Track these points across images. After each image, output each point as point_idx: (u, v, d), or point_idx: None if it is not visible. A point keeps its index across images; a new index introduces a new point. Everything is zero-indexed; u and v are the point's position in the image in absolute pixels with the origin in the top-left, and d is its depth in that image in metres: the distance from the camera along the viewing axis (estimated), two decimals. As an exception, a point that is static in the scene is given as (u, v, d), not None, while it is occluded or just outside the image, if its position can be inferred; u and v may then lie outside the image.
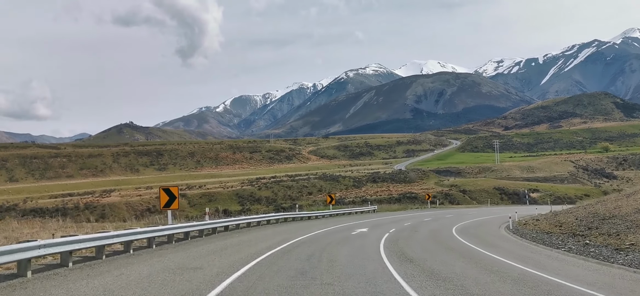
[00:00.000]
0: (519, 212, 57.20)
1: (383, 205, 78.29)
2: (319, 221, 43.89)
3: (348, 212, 57.89)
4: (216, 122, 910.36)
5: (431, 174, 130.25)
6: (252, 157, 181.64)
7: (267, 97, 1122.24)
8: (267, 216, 40.53)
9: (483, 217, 49.16)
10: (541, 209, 53.33)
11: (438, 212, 61.60)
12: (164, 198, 25.05)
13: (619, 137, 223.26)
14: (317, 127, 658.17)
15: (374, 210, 65.59)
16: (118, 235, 17.72)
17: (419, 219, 44.50)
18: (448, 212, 63.68)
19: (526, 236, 25.99)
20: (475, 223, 38.81)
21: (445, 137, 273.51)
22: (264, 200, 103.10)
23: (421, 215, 52.23)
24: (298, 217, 46.23)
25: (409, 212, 65.14)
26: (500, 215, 51.80)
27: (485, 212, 61.97)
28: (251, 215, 43.26)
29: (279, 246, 21.09)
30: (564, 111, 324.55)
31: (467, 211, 65.93)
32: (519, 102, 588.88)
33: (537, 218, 34.42)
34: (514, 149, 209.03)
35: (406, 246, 21.18)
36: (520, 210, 61.40)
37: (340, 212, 55.95)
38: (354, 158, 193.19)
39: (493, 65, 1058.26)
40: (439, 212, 64.12)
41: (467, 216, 50.74)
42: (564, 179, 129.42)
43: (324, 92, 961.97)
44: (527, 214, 48.49)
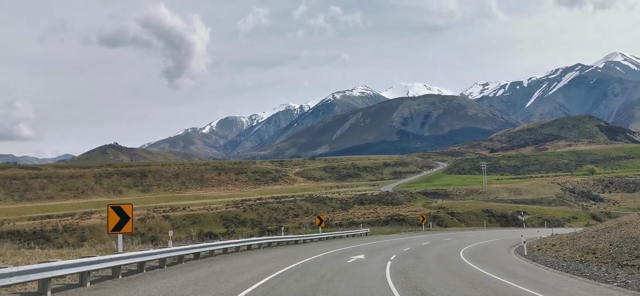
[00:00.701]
0: (522, 235, 55.70)
1: (374, 228, 73.13)
2: (308, 246, 39.75)
3: (339, 235, 53.32)
4: (202, 143, 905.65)
5: (419, 196, 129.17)
6: (237, 178, 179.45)
7: (254, 118, 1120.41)
8: (248, 241, 34.99)
9: (484, 240, 46.48)
10: (542, 232, 51.79)
11: (433, 235, 58.52)
12: (113, 218, 20.15)
13: (604, 160, 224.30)
14: (303, 148, 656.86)
15: (367, 233, 61.06)
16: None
17: (417, 243, 41.55)
18: (443, 235, 60.22)
19: (555, 265, 23.00)
20: (480, 248, 36.47)
21: (432, 159, 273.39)
22: (249, 222, 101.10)
23: (417, 239, 48.75)
24: (283, 241, 41.28)
25: (403, 235, 61.33)
26: (503, 238, 50.33)
27: (483, 235, 59.32)
28: (229, 240, 38.00)
29: (258, 281, 17.09)
30: (549, 134, 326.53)
31: (462, 234, 63.32)
32: (504, 125, 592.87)
33: (552, 242, 32.16)
34: (500, 171, 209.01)
35: (420, 280, 17.97)
36: (520, 233, 59.04)
37: (330, 235, 50.95)
38: (341, 179, 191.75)
39: (479, 88, 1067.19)
40: (435, 235, 60.81)
41: (466, 239, 47.87)
42: (551, 202, 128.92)
43: (310, 113, 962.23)
44: (530, 238, 47.32)
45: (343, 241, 47.14)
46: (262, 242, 37.33)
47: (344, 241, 47.10)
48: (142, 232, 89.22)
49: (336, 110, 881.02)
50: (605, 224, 35.30)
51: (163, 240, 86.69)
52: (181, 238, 79.78)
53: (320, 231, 51.32)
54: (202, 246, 26.94)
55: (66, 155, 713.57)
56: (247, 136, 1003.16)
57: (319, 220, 53.56)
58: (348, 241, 46.99)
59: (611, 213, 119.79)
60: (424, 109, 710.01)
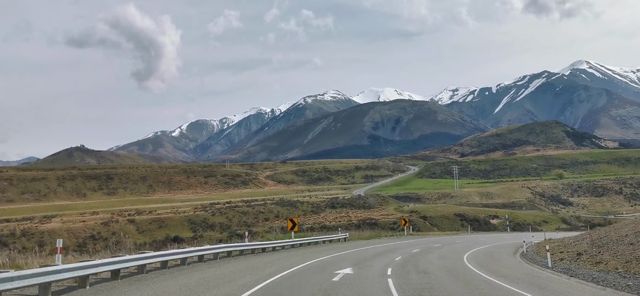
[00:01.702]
0: (512, 240, 53.58)
1: (351, 232, 65.54)
2: (278, 255, 32.51)
3: (314, 241, 45.88)
4: (172, 146, 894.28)
5: (391, 200, 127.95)
6: (207, 181, 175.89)
7: (224, 121, 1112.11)
8: (197, 250, 26.07)
9: (478, 246, 42.75)
10: (536, 237, 50.32)
11: (418, 241, 52.95)
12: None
13: (571, 165, 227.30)
14: (274, 152, 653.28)
15: (345, 238, 53.37)
16: None
17: (406, 250, 36.38)
18: (428, 240, 54.65)
19: (605, 281, 18.77)
20: (482, 255, 33.06)
21: (403, 163, 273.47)
22: (218, 226, 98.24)
23: (404, 246, 43.04)
24: (248, 249, 33.12)
25: (385, 240, 54.58)
26: (495, 243, 48.25)
27: (471, 240, 55.35)
28: (186, 248, 28.01)
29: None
30: (518, 139, 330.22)
31: (448, 239, 58.72)
32: (473, 130, 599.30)
33: (577, 250, 27.84)
34: (471, 176, 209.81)
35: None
36: (512, 238, 57.25)
37: (304, 241, 43.42)
38: (312, 183, 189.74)
39: (448, 94, 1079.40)
40: (419, 240, 55.06)
41: (458, 245, 44.10)
42: (522, 205, 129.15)
43: (282, 117, 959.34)
44: (528, 242, 47.00)
45: (320, 248, 39.93)
46: (220, 251, 28.69)
47: (321, 248, 39.92)
48: (105, 237, 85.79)
49: (307, 114, 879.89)
50: (616, 226, 33.78)
51: (127, 245, 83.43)
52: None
53: (292, 236, 44.26)
54: (125, 259, 18.81)
55: (31, 158, 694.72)
56: (217, 140, 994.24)
57: (292, 223, 44.89)
58: (326, 248, 39.89)
59: (581, 217, 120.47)
60: (394, 114, 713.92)
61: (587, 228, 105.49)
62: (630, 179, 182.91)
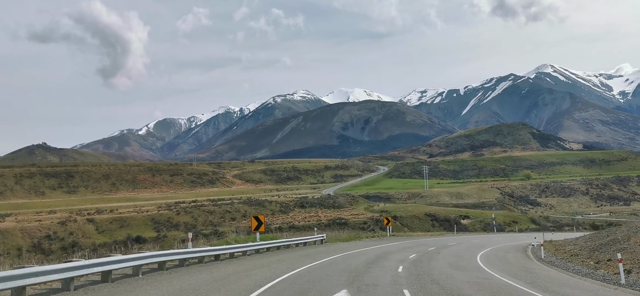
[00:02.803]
0: (505, 242, 51.01)
1: (327, 233, 56.38)
2: (236, 265, 24.34)
3: (286, 244, 37.62)
4: (138, 145, 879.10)
5: (361, 199, 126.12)
6: (172, 180, 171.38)
7: (192, 120, 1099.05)
8: (99, 264, 17.04)
9: (485, 250, 37.91)
10: (534, 238, 48.31)
11: (405, 243, 47.02)
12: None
13: (538, 166, 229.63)
14: (243, 151, 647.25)
15: (322, 240, 45.47)
16: None
17: (401, 256, 30.65)
18: (415, 243, 47.99)
19: None
20: (495, 258, 29.43)
21: (373, 162, 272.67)
22: (182, 226, 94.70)
23: (393, 249, 37.19)
24: (193, 257, 24.33)
25: (367, 243, 47.45)
26: (498, 244, 45.23)
27: (464, 241, 51.18)
28: (140, 253, 20.75)
29: None
30: (486, 140, 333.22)
31: (440, 241, 53.38)
32: (441, 131, 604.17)
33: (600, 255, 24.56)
34: (440, 176, 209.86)
35: None
36: (513, 240, 54.80)
37: (273, 244, 35.18)
38: (281, 182, 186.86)
39: (417, 95, 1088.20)
40: (407, 242, 48.82)
41: (454, 248, 39.57)
42: (492, 206, 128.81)
43: (250, 116, 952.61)
44: (526, 243, 45.02)
45: (293, 254, 31.81)
46: (142, 263, 19.61)
47: (294, 254, 31.89)
48: (62, 237, 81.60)
49: (277, 114, 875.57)
50: (627, 227, 31.87)
51: (86, 246, 79.28)
52: (105, 244, 72.28)
53: (258, 238, 35.24)
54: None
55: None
56: (185, 138, 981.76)
57: (256, 222, 35.50)
58: (300, 254, 31.92)
59: (549, 218, 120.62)
60: (364, 114, 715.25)
61: (556, 229, 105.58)
62: (596, 180, 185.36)
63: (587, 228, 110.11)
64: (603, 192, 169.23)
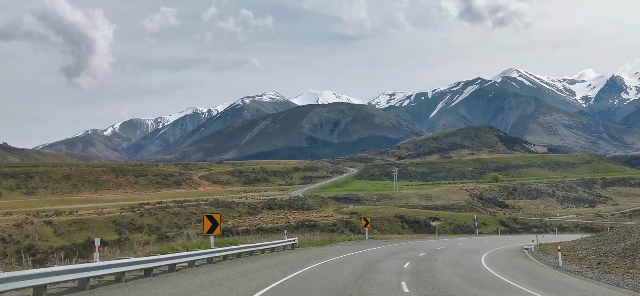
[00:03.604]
0: (495, 245, 47.56)
1: (297, 235, 47.61)
2: (172, 285, 17.75)
3: (248, 250, 30.86)
4: (103, 146, 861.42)
5: (330, 201, 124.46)
6: (137, 181, 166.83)
7: (159, 121, 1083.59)
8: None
9: (474, 253, 35.31)
10: (525, 240, 46.19)
11: (388, 248, 40.86)
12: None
13: (505, 168, 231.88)
14: (211, 153, 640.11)
15: (294, 244, 38.93)
16: None
17: (393, 263, 26.61)
18: (399, 247, 42.39)
19: None
20: (510, 266, 26.32)
21: (342, 164, 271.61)
22: (146, 228, 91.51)
23: (379, 256, 31.76)
24: (109, 273, 17.51)
25: (345, 247, 41.40)
26: (491, 250, 40.44)
27: (453, 244, 46.99)
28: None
29: None
30: (453, 143, 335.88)
31: (427, 244, 48.93)
32: (409, 134, 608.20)
33: None
34: (409, 178, 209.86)
35: None
36: (493, 243, 50.96)
37: (231, 251, 28.23)
38: (249, 184, 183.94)
39: (386, 98, 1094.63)
40: (391, 247, 42.40)
41: (445, 251, 36.49)
42: (461, 208, 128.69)
43: (219, 118, 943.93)
44: (518, 246, 42.93)
45: (257, 264, 24.86)
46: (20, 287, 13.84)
47: (259, 264, 24.91)
48: (17, 240, 77.55)
49: (245, 115, 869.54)
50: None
51: (43, 250, 75.45)
52: (63, 248, 68.65)
53: (212, 243, 27.84)
54: None
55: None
56: (151, 139, 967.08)
57: (210, 222, 28.05)
58: (266, 264, 24.84)
59: (518, 219, 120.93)
60: (333, 117, 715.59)
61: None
62: (561, 182, 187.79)
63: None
64: (569, 194, 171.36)
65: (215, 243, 28.61)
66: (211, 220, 28.39)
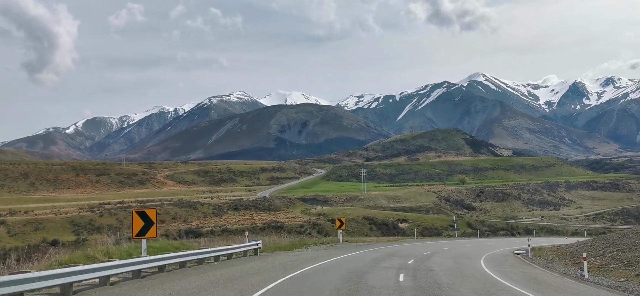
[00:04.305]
0: (479, 248, 45.22)
1: (262, 238, 43.22)
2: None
3: (198, 258, 24.17)
4: (65, 144, 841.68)
5: (297, 202, 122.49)
6: (98, 180, 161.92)
7: (124, 120, 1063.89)
8: None
9: (473, 261, 31.36)
10: (518, 243, 44.03)
11: (369, 253, 35.46)
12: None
13: (472, 171, 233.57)
14: (177, 153, 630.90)
15: (257, 248, 31.86)
16: None
17: (386, 276, 21.62)
18: (382, 252, 37.18)
19: None
20: (525, 277, 23.25)
21: (310, 165, 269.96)
22: (105, 229, 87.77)
23: (362, 263, 27.46)
24: None
25: (317, 251, 36.32)
26: (485, 254, 37.69)
27: (434, 250, 41.55)
28: None
29: None
30: (421, 145, 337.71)
31: (411, 248, 45.02)
32: (377, 136, 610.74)
33: None
34: (377, 179, 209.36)
35: None
36: (478, 247, 48.07)
37: (172, 261, 22.02)
38: (215, 184, 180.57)
39: (354, 100, 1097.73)
40: (372, 252, 36.76)
41: (436, 258, 32.77)
42: (429, 209, 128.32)
43: (185, 117, 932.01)
44: (508, 250, 41.08)
45: (203, 280, 18.59)
46: None
47: (206, 280, 18.68)
48: (-35, 240, 73.43)
49: (212, 115, 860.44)
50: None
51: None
52: (17, 249, 64.91)
53: (144, 250, 21.02)
54: None
55: None
56: (116, 138, 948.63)
57: (142, 221, 21.22)
58: (216, 280, 18.70)
59: (485, 222, 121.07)
60: (301, 118, 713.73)
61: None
62: (527, 185, 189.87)
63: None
64: (534, 197, 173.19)
65: (154, 249, 23.38)
66: (143, 218, 20.96)
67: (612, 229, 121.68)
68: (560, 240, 57.41)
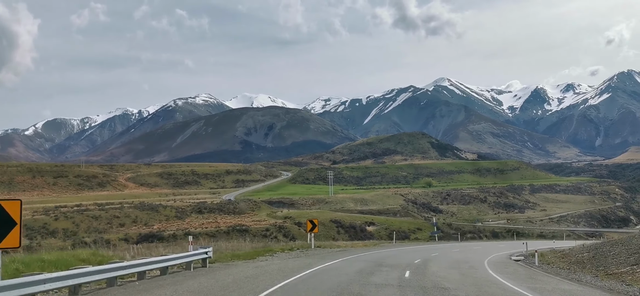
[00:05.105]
0: (474, 254, 41.69)
1: (221, 243, 40.17)
2: None
3: (106, 276, 16.56)
4: (24, 146, 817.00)
5: (263, 205, 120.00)
6: (56, 182, 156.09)
7: (86, 121, 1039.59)
8: None
9: (478, 272, 26.69)
10: (505, 247, 41.14)
11: (351, 262, 30.10)
12: None
13: (438, 174, 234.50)
14: (141, 155, 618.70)
15: (206, 258, 25.16)
16: None
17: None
18: (365, 258, 33.54)
19: None
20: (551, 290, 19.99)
21: (276, 168, 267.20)
22: (61, 233, 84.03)
23: (348, 278, 21.48)
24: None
25: (285, 260, 30.57)
26: (478, 260, 35.22)
27: (424, 256, 37.65)
28: None
29: None
30: (387, 148, 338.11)
31: (393, 253, 40.79)
32: (344, 139, 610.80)
33: None
34: (344, 182, 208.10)
35: None
36: (465, 251, 45.08)
37: (69, 281, 14.47)
38: (179, 187, 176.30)
39: (321, 103, 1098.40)
40: (353, 261, 30.86)
41: (432, 265, 29.42)
42: (396, 212, 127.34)
43: (150, 119, 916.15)
44: (503, 254, 38.95)
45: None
46: None
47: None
48: None
49: (178, 117, 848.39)
50: None
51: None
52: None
53: (17, 275, 14.72)
54: None
55: None
56: (77, 140, 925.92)
57: None
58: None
59: (452, 224, 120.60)
60: (268, 120, 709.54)
61: (464, 236, 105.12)
62: (492, 188, 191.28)
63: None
64: (499, 200, 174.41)
65: (41, 264, 17.92)
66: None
67: (576, 232, 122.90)
68: (559, 244, 55.31)
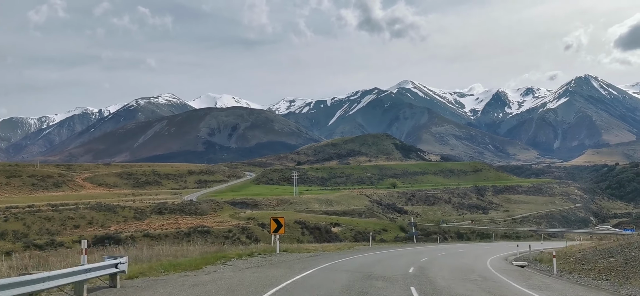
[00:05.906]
0: (463, 257, 39.94)
1: (159, 247, 34.87)
2: None
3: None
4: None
5: (226, 206, 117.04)
6: (8, 182, 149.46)
7: (44, 120, 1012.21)
8: None
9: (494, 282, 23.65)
10: (490, 249, 39.52)
11: (328, 270, 25.00)
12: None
13: (403, 175, 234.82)
14: (101, 155, 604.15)
15: (116, 272, 17.01)
16: None
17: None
18: (342, 265, 28.52)
19: None
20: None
21: (240, 169, 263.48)
22: (10, 235, 79.52)
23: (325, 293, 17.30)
24: None
25: (241, 272, 23.34)
26: (482, 264, 32.93)
27: (408, 260, 34.92)
28: None
29: None
30: (352, 149, 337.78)
31: (376, 257, 37.28)
32: (308, 140, 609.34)
33: None
34: (309, 183, 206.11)
35: None
36: (451, 256, 42.17)
37: None
38: (139, 187, 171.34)
39: (286, 104, 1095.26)
40: (331, 269, 25.88)
41: (432, 271, 26.30)
42: (361, 213, 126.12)
43: (111, 119, 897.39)
44: (496, 257, 37.66)
45: None
46: None
47: None
48: None
49: (139, 117, 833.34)
50: None
51: None
52: None
53: None
54: None
55: None
56: (34, 140, 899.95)
57: None
58: None
59: (418, 225, 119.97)
60: (232, 121, 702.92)
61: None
62: (456, 189, 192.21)
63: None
64: (464, 201, 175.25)
65: None
66: None
67: (551, 233, 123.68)
68: (554, 244, 53.96)
